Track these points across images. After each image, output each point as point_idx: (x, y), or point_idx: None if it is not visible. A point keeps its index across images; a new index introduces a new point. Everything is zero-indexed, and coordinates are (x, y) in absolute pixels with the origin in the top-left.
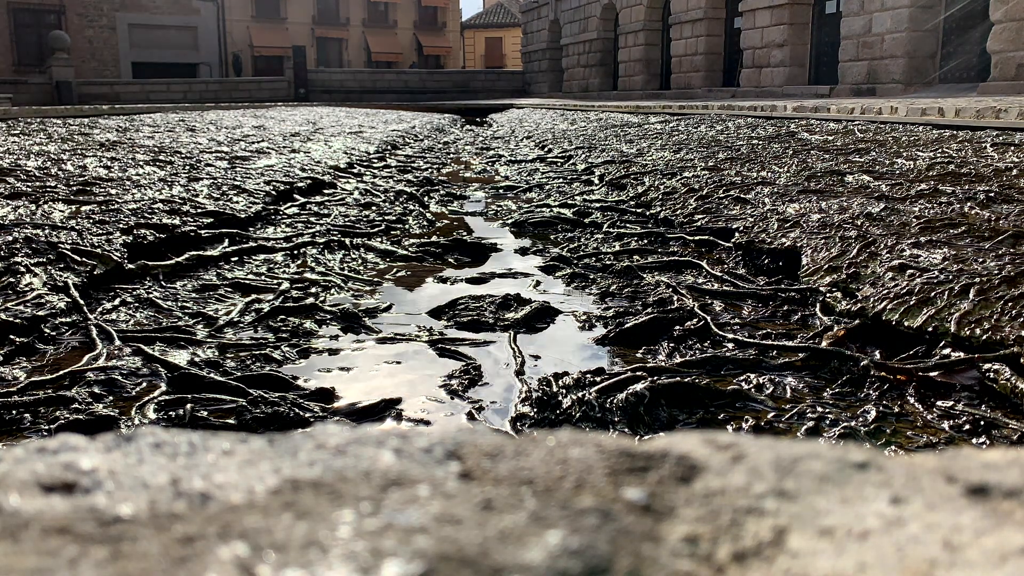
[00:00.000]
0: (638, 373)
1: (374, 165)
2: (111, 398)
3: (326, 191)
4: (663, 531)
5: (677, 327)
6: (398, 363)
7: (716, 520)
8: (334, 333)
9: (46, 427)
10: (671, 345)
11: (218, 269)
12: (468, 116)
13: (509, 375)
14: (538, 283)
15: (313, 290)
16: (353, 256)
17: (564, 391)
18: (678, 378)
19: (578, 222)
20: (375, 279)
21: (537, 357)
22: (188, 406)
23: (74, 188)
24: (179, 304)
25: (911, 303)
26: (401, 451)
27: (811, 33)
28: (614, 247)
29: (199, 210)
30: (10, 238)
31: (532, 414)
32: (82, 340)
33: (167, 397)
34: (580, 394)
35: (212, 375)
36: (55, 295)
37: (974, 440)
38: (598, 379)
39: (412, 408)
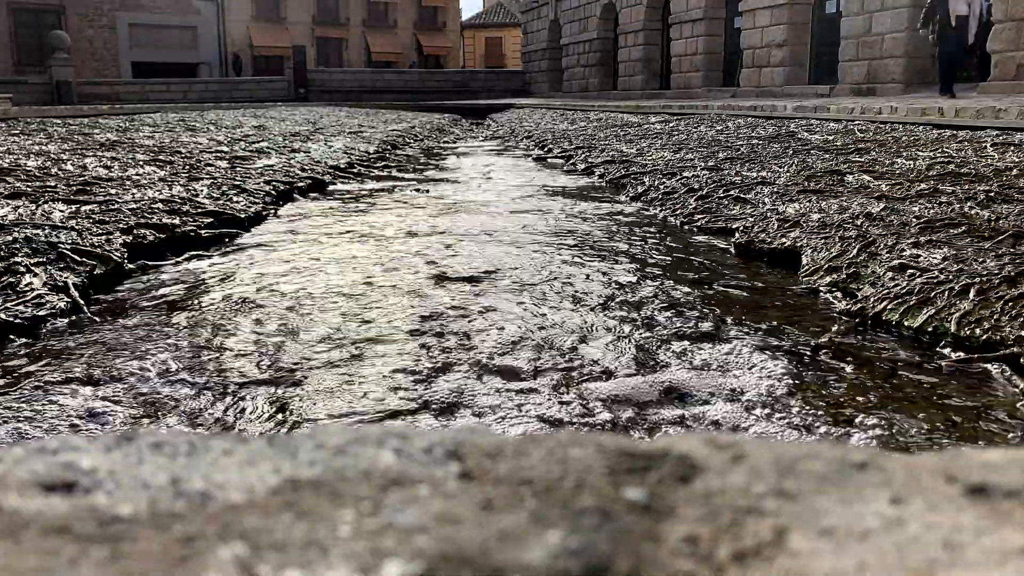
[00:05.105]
0: None
1: (374, 165)
2: None
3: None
4: (663, 531)
5: None
6: None
7: (716, 520)
8: None
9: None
10: None
11: None
12: (468, 116)
13: None
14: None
15: None
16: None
17: None
18: None
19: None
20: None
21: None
22: None
23: (74, 188)
24: None
25: (911, 303)
26: (401, 451)
27: (811, 33)
28: None
29: (199, 210)
30: (10, 238)
31: None
32: None
33: None
34: None
35: None
36: (55, 295)
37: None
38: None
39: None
